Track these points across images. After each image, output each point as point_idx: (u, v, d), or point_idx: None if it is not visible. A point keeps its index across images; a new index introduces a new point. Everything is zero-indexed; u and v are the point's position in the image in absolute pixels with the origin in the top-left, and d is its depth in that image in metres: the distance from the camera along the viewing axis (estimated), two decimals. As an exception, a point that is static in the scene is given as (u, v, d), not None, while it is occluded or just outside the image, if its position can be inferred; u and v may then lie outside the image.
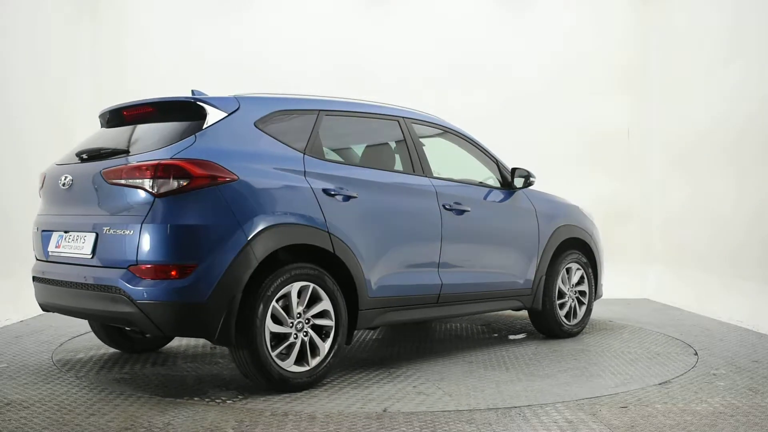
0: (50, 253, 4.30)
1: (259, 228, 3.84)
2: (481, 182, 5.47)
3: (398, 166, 4.97)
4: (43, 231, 4.40)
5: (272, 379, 3.92)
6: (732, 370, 4.63)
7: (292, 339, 3.99)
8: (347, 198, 4.29)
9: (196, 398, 3.91)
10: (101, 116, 4.62)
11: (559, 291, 5.76)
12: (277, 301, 3.94)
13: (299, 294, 4.03)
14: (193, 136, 3.88)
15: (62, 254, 4.18)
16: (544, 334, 5.85)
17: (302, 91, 5.93)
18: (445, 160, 5.50)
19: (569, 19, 9.32)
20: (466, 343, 5.62)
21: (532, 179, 5.51)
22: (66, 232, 4.19)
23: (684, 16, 8.71)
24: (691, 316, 7.10)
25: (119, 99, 4.81)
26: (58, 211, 4.35)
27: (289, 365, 3.98)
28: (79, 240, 4.07)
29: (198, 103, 4.08)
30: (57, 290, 4.22)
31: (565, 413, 3.65)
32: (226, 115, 4.05)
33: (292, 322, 3.99)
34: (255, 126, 4.11)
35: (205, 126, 3.95)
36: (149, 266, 3.67)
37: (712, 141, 7.89)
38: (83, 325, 5.95)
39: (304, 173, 4.14)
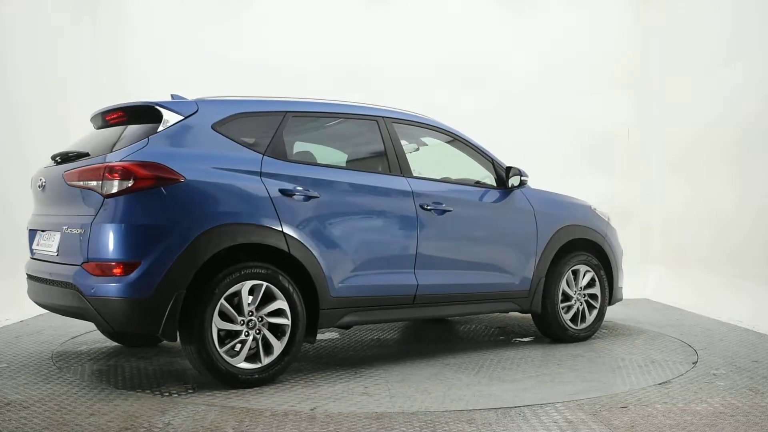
0: (34, 251, 4.58)
1: (205, 227, 3.95)
2: (478, 182, 5.40)
3: (375, 166, 4.94)
4: (30, 230, 4.69)
5: (220, 375, 4.02)
6: (732, 370, 4.63)
7: (242, 336, 4.08)
8: (308, 198, 4.34)
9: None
10: (92, 119, 4.76)
11: (564, 294, 5.58)
12: (228, 298, 4.03)
13: (252, 292, 4.11)
14: (146, 138, 4.05)
15: (40, 252, 4.46)
16: (550, 338, 5.69)
17: (301, 91, 5.92)
18: (441, 161, 5.46)
19: (569, 18, 9.32)
20: (459, 345, 5.60)
21: (523, 178, 5.39)
22: (43, 231, 4.46)
23: (684, 16, 8.72)
24: (691, 316, 7.10)
25: (118, 99, 4.84)
26: (38, 212, 4.65)
27: (239, 362, 4.07)
28: (49, 239, 4.33)
29: (155, 107, 4.23)
30: (36, 286, 4.45)
31: (565, 413, 3.65)
32: (183, 118, 4.19)
33: (242, 320, 4.07)
34: (212, 128, 4.23)
35: (159, 129, 4.11)
36: (97, 263, 3.88)
37: (712, 141, 7.89)
38: (83, 325, 5.95)
39: (260, 174, 4.22)
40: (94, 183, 3.97)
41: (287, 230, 4.22)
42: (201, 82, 8.53)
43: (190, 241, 3.89)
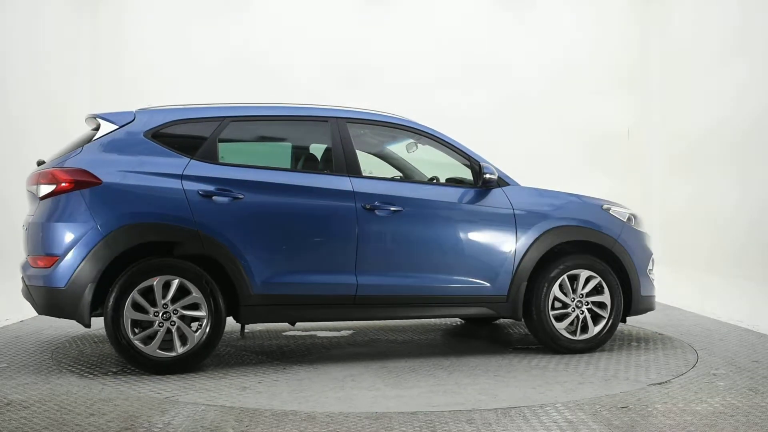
0: None
1: (116, 226, 4.38)
2: (462, 180, 5.20)
3: (318, 166, 5.01)
4: None
5: (134, 361, 4.41)
6: (732, 370, 4.63)
7: (156, 327, 4.40)
8: (233, 199, 4.56)
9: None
10: (86, 122, 5.05)
11: (561, 301, 5.14)
12: (142, 291, 4.38)
13: (168, 286, 4.43)
14: (81, 147, 4.59)
15: None
16: (549, 348, 5.20)
17: (300, 91, 5.90)
18: (423, 160, 5.42)
19: (570, 19, 9.33)
20: (444, 349, 5.50)
21: (487, 176, 5.02)
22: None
23: (685, 16, 8.72)
24: (691, 316, 7.10)
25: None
26: None
27: (153, 350, 4.40)
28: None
29: (96, 118, 4.73)
30: None
31: (565, 413, 3.65)
32: (117, 127, 4.64)
33: (156, 312, 4.39)
34: (144, 136, 4.63)
35: (94, 138, 4.62)
36: (32, 257, 4.57)
37: (712, 141, 7.89)
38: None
39: (182, 177, 4.54)
40: (32, 187, 4.61)
41: (203, 229, 4.49)
42: (200, 83, 8.53)
43: (101, 237, 4.35)
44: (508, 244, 5.09)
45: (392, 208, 4.86)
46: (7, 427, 3.37)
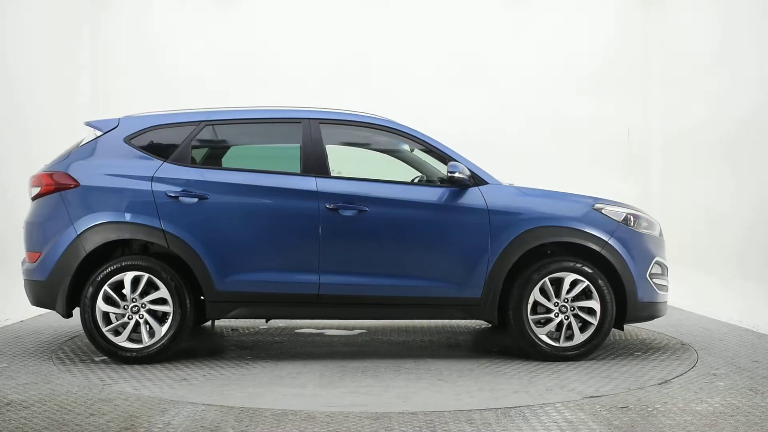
0: None
1: (88, 225, 4.73)
2: (441, 179, 5.07)
3: (286, 167, 5.08)
4: None
5: (102, 350, 4.75)
6: (732, 370, 4.63)
7: (125, 319, 4.72)
8: (198, 199, 4.79)
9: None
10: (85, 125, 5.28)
11: (544, 305, 4.89)
12: (113, 286, 4.71)
13: (138, 282, 4.73)
14: (69, 152, 4.97)
15: None
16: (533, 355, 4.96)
17: (301, 90, 5.90)
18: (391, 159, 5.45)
19: (571, 19, 9.33)
20: (420, 352, 5.50)
21: (459, 175, 4.82)
22: None
23: (685, 16, 8.72)
24: (691, 316, 7.10)
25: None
26: None
27: (121, 341, 4.73)
28: None
29: (87, 125, 5.11)
30: None
31: (565, 413, 3.66)
32: (102, 133, 4.99)
33: (125, 305, 4.70)
34: (123, 141, 4.94)
35: (82, 143, 5.02)
36: (26, 253, 4.97)
37: (712, 141, 7.89)
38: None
39: (152, 179, 4.81)
40: (28, 189, 4.99)
41: (168, 228, 4.73)
42: (201, 85, 8.53)
43: (76, 235, 4.72)
44: (480, 245, 4.88)
45: (356, 208, 4.84)
46: (7, 427, 3.38)
